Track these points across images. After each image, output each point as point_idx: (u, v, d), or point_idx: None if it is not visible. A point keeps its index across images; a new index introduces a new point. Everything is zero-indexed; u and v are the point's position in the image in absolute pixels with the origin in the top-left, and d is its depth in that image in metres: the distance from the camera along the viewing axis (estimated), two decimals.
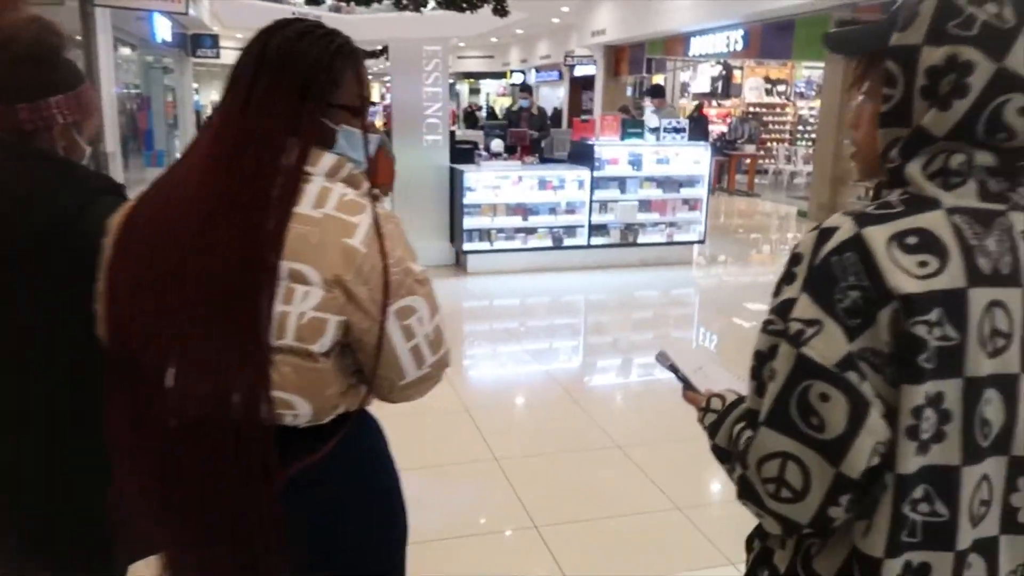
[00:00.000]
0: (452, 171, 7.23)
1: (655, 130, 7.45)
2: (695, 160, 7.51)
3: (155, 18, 10.55)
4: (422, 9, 13.28)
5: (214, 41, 15.62)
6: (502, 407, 4.30)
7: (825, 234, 0.84)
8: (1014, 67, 0.81)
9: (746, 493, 0.88)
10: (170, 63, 14.77)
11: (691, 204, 7.58)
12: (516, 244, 7.15)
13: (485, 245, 7.11)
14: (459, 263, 7.37)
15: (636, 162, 7.35)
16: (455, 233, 7.24)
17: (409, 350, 1.17)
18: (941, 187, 0.84)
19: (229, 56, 20.52)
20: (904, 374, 0.80)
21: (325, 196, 1.12)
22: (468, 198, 6.98)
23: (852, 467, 0.80)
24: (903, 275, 0.79)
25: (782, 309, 0.86)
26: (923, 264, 0.80)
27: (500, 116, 17.48)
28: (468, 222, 7.02)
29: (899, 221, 0.82)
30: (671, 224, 7.54)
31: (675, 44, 14.73)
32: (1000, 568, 0.88)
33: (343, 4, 15.18)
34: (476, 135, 9.93)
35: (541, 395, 4.44)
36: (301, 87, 1.14)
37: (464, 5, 13.47)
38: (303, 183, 1.12)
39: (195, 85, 20.76)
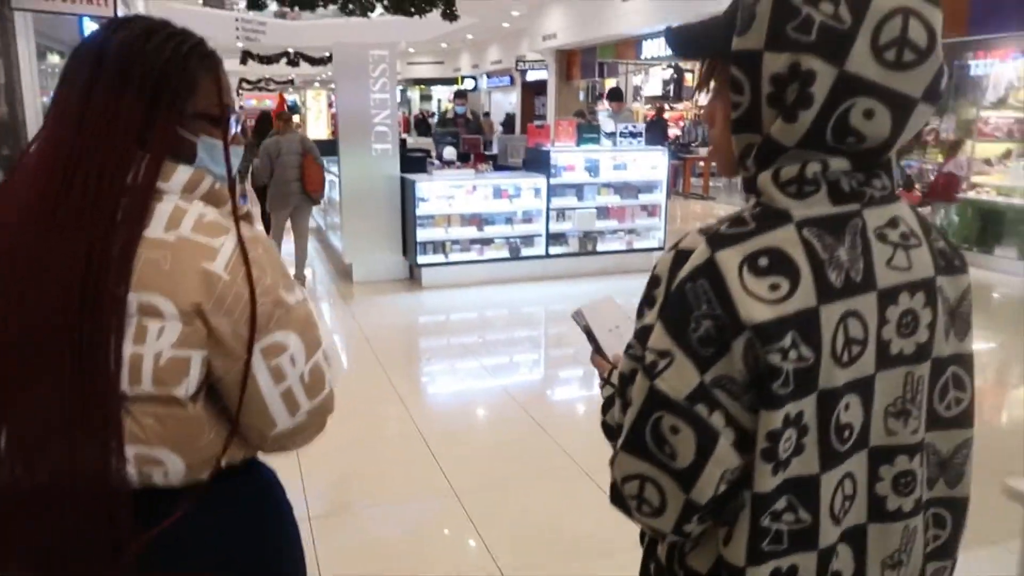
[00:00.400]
0: (403, 181, 6.98)
1: (611, 135, 7.31)
2: (652, 165, 7.38)
3: (85, 24, 10.03)
4: (369, 14, 13.02)
5: None
6: (460, 432, 4.04)
7: (680, 257, 0.84)
8: (855, 70, 0.79)
9: (616, 501, 0.90)
10: None
11: (650, 210, 7.45)
12: (472, 256, 6.95)
13: (440, 258, 6.88)
14: (413, 277, 7.13)
15: (593, 168, 7.19)
16: (408, 246, 7.00)
17: (280, 395, 1.05)
18: (794, 196, 0.83)
19: None
20: (761, 400, 0.80)
21: (179, 217, 1.01)
22: (421, 209, 6.75)
23: (700, 495, 0.83)
24: (754, 302, 0.79)
25: (641, 335, 0.87)
26: (774, 287, 0.80)
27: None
28: (421, 234, 6.80)
29: (751, 241, 0.82)
30: (630, 231, 7.41)
31: (627, 47, 14.71)
32: (869, 555, 0.91)
33: (287, 10, 14.83)
34: (429, 143, 9.71)
35: (502, 415, 4.20)
36: (151, 92, 1.01)
37: (412, 9, 13.24)
38: (153, 202, 1.00)
39: None
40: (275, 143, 6.76)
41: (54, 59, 11.39)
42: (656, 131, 9.04)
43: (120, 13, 8.88)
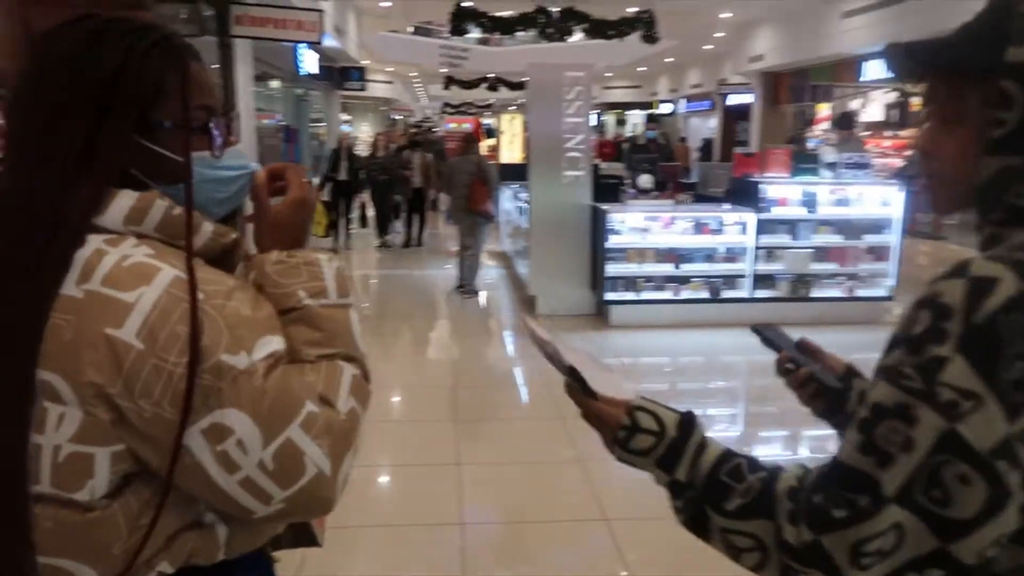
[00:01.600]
0: (594, 210, 6.57)
1: (832, 165, 6.45)
2: (883, 201, 6.41)
3: (300, 51, 10.69)
4: (567, 38, 12.87)
5: (360, 74, 16.39)
6: (647, 513, 3.45)
7: (979, 285, 0.73)
8: None
9: (816, 562, 0.78)
10: (318, 95, 15.54)
11: (877, 253, 6.46)
12: (666, 295, 6.39)
13: (631, 295, 6.38)
14: (601, 314, 6.66)
15: (810, 203, 6.38)
16: (597, 280, 6.55)
17: (237, 484, 0.84)
18: None
19: (376, 89, 21.24)
20: None
21: (95, 263, 0.83)
22: (612, 241, 6.30)
23: (965, 552, 0.72)
24: None
25: (927, 368, 0.74)
26: None
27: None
28: (612, 268, 6.33)
29: None
30: (852, 276, 6.48)
31: (844, 69, 13.52)
32: None
33: (490, 36, 15.12)
34: (621, 168, 9.30)
35: None
36: (99, 106, 0.87)
37: (611, 32, 12.93)
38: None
39: (347, 117, 21.55)
40: (449, 165, 7.62)
41: (275, 84, 12.43)
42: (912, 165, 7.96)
43: (329, 41, 9.30)
